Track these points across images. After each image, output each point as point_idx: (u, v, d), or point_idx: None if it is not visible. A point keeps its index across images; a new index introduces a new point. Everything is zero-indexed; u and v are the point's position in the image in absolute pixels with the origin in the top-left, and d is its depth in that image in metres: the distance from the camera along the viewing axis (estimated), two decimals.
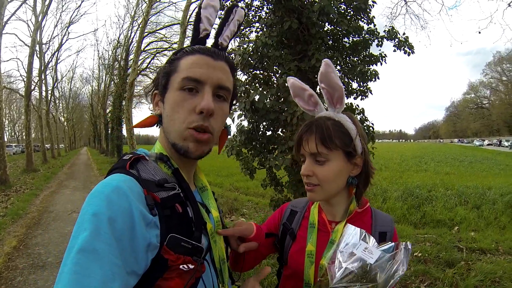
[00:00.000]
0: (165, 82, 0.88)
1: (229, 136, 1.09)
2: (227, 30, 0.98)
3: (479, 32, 8.42)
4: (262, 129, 4.58)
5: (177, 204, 0.81)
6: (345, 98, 1.16)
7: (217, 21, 1.00)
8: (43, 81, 26.32)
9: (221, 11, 1.18)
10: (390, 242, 0.97)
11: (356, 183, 1.16)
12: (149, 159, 0.87)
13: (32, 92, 20.06)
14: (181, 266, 0.75)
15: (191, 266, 0.77)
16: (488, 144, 70.40)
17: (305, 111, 1.21)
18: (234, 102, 1.04)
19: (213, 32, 0.98)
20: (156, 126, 0.94)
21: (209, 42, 0.97)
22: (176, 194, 0.82)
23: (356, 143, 1.10)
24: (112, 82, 32.50)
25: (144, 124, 0.92)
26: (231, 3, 3.96)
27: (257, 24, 5.65)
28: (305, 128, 1.11)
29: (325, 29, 4.89)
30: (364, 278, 0.87)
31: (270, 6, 4.92)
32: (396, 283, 0.89)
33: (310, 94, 1.17)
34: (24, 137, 26.21)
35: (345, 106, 1.15)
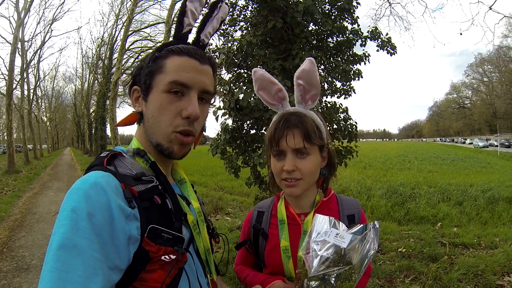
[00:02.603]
0: (148, 81, 0.86)
1: (213, 135, 1.10)
2: (210, 26, 0.97)
3: (461, 34, 8.60)
4: (246, 128, 4.57)
5: (156, 196, 0.82)
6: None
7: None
8: (25, 80, 25.81)
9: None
10: (359, 225, 1.01)
11: (327, 174, 1.20)
12: (126, 155, 0.89)
13: (14, 91, 19.68)
14: (162, 257, 0.76)
15: (173, 257, 0.77)
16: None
17: (267, 104, 1.21)
18: (215, 99, 1.05)
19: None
20: (137, 124, 0.93)
21: (190, 37, 0.96)
22: (154, 187, 0.83)
23: (325, 137, 1.15)
24: (96, 81, 32.07)
25: (126, 122, 0.91)
26: None
27: (242, 23, 5.65)
28: (285, 123, 1.10)
29: (310, 28, 4.91)
30: (340, 262, 0.90)
31: (255, 6, 4.93)
32: (370, 261, 0.93)
33: (279, 88, 1.17)
34: (5, 137, 25.60)
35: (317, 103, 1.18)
